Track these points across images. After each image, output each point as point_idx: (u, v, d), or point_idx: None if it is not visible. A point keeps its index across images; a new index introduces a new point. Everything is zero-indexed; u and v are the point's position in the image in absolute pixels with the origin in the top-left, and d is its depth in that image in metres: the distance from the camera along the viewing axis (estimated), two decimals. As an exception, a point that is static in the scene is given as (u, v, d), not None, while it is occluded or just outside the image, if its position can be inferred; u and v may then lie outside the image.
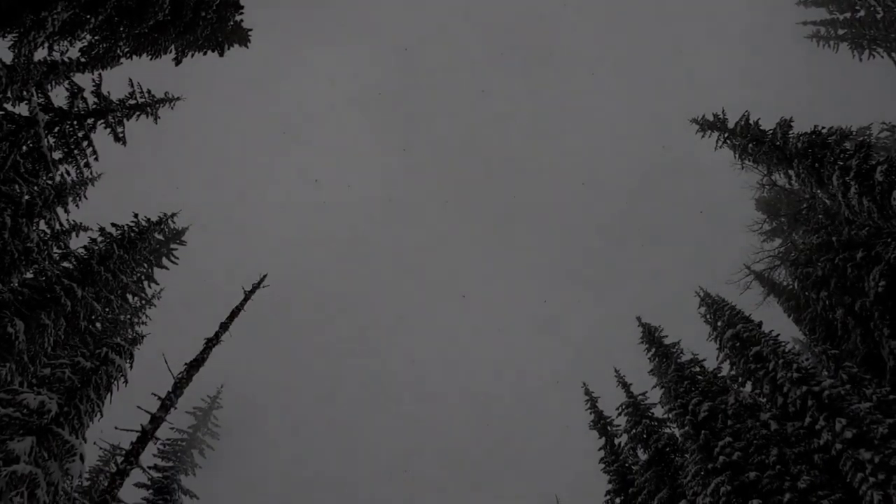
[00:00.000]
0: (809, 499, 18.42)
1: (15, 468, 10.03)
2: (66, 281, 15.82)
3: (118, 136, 17.35)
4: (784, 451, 19.60)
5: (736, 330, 24.21)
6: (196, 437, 26.84)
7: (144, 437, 13.52)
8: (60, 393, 12.79)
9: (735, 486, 19.62)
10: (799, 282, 26.01)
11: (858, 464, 17.66)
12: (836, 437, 18.41)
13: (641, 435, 26.76)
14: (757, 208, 34.46)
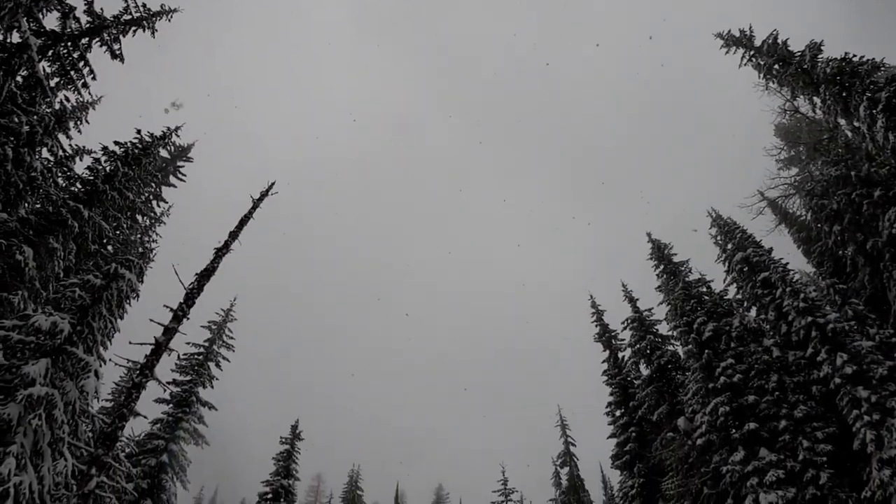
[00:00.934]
0: (804, 428, 18.85)
1: (31, 391, 10.32)
2: (71, 203, 15.75)
3: (115, 54, 16.76)
4: (784, 378, 19.86)
5: (746, 254, 23.98)
6: (212, 350, 27.68)
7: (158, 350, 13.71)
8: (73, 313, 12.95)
9: (734, 408, 20.06)
10: (812, 213, 25.46)
11: (855, 401, 17.92)
12: (836, 371, 18.56)
13: (645, 350, 27.20)
14: (776, 134, 33.32)
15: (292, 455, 32.58)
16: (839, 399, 18.48)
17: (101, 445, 12.31)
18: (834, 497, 17.62)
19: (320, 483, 69.34)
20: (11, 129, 14.30)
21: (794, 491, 17.86)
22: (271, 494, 31.20)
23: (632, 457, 26.92)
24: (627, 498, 26.48)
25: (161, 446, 23.57)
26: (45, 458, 10.62)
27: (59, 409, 10.95)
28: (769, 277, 22.60)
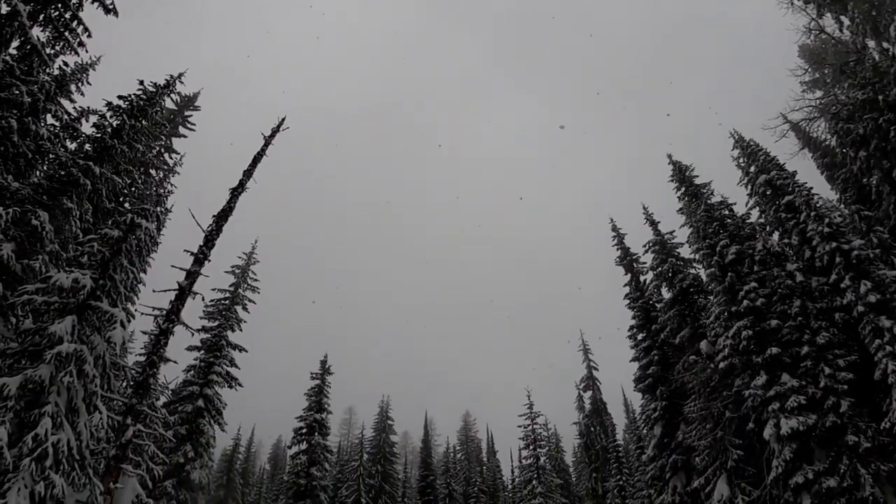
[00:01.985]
0: (826, 355, 18.74)
1: (59, 349, 10.55)
2: (81, 162, 15.66)
3: (108, 8, 16.18)
4: (806, 304, 19.59)
5: (769, 176, 23.26)
6: (237, 293, 28.15)
7: (182, 294, 13.90)
8: (93, 268, 13.01)
9: (756, 332, 19.95)
10: (838, 137, 24.38)
11: (878, 331, 17.64)
12: (860, 299, 18.24)
13: (667, 273, 27.01)
14: (800, 55, 31.59)
15: (323, 389, 33.70)
16: (862, 328, 18.25)
17: (135, 395, 12.72)
18: (853, 426, 17.68)
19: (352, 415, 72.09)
20: (13, 101, 14.10)
21: (815, 418, 17.98)
22: (306, 429, 32.54)
23: (654, 380, 27.24)
24: (650, 420, 27.00)
25: (196, 392, 24.40)
26: (80, 414, 10.99)
27: (89, 364, 11.19)
28: (793, 201, 21.98)
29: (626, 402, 54.24)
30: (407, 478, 63.69)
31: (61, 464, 9.96)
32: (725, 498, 19.98)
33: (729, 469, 20.47)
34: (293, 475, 31.74)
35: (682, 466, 24.53)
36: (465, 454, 67.57)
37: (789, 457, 17.86)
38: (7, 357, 10.61)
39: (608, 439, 47.00)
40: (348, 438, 69.75)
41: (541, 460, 31.61)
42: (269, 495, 61.43)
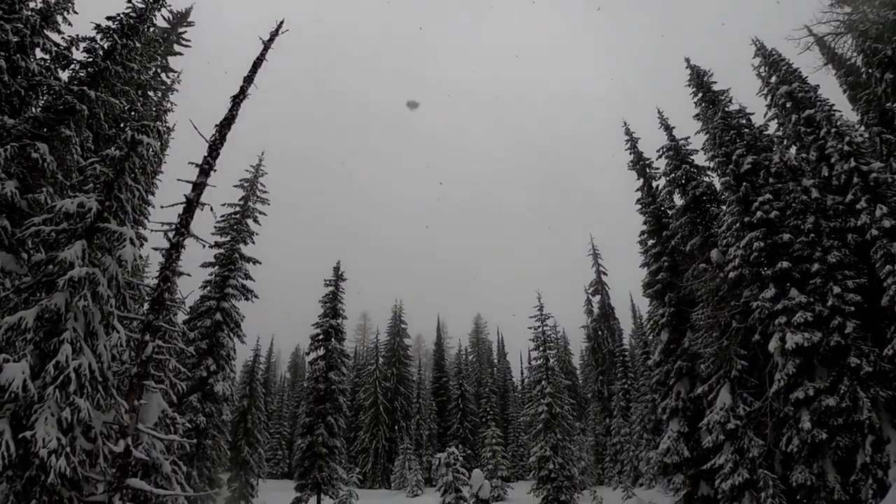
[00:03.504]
0: (836, 275, 18.61)
1: (71, 274, 10.63)
2: (75, 88, 15.19)
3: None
4: (820, 221, 19.23)
5: (790, 88, 22.25)
6: (248, 206, 28.18)
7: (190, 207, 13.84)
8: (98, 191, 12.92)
9: (768, 245, 19.75)
10: (864, 57, 23.03)
11: (889, 257, 17.38)
12: (874, 222, 17.84)
13: (680, 180, 26.58)
14: None
15: (337, 296, 34.35)
16: (873, 252, 18.01)
17: (151, 311, 12.96)
18: (857, 349, 17.85)
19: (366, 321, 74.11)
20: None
21: (820, 336, 18.12)
22: (322, 335, 33.46)
23: (663, 286, 27.45)
24: (657, 326, 27.47)
25: (213, 306, 24.94)
26: (99, 337, 11.26)
27: (102, 286, 11.30)
28: (814, 116, 21.11)
29: (633, 308, 55.26)
30: (421, 379, 66.40)
31: (85, 388, 10.30)
32: (727, 406, 20.60)
33: (732, 378, 20.98)
34: (312, 380, 32.88)
35: (686, 373, 25.20)
36: (476, 356, 69.93)
37: (792, 371, 18.23)
38: (22, 292, 10.76)
39: (615, 344, 48.36)
40: (363, 344, 72.14)
41: (550, 362, 32.46)
42: (291, 402, 64.52)
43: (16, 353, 9.72)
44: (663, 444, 24.90)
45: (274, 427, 59.09)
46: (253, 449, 31.89)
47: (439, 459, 26.32)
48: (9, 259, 13.23)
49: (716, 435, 20.69)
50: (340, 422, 31.88)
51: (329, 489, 28.69)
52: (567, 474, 28.97)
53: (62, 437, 9.53)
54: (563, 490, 28.50)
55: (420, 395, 62.48)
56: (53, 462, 9.13)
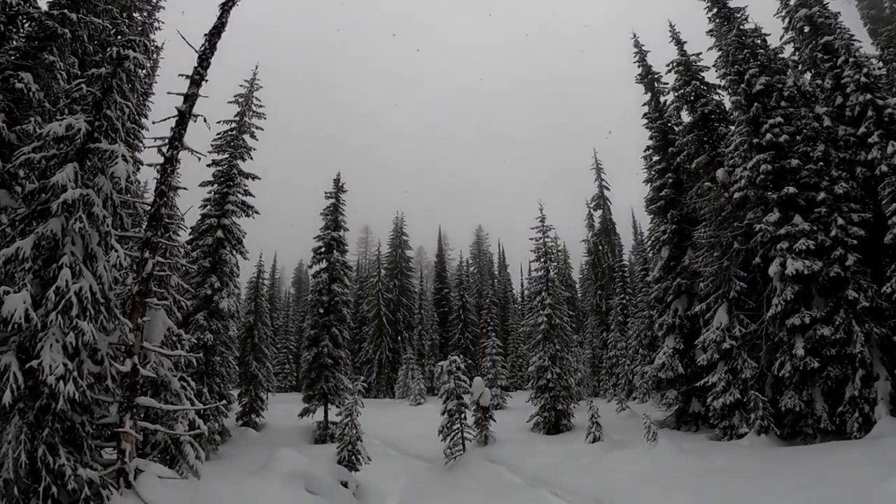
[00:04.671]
0: (841, 206, 18.37)
1: (65, 197, 10.43)
2: (56, 12, 14.36)
3: None
4: (830, 151, 18.73)
5: (810, 12, 21.08)
6: (243, 122, 27.55)
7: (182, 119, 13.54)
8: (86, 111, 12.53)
9: (775, 168, 19.39)
10: None
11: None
12: (885, 158, 17.41)
13: (689, 96, 25.87)
14: None
15: (338, 208, 34.30)
16: (881, 188, 17.64)
17: (149, 228, 12.90)
18: (855, 282, 17.82)
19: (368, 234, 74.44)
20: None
21: (820, 265, 18.06)
22: (324, 247, 33.67)
23: (666, 202, 27.33)
24: (658, 243, 27.57)
25: (214, 224, 24.86)
26: (98, 259, 11.19)
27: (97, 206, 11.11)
28: (832, 43, 20.00)
29: (634, 224, 55.17)
30: (423, 291, 67.51)
31: (87, 310, 10.35)
32: (724, 326, 20.93)
33: (730, 299, 21.19)
34: (316, 293, 33.38)
35: (685, 291, 25.50)
36: (477, 268, 70.72)
37: (790, 297, 18.33)
38: (18, 223, 10.59)
39: (615, 259, 48.65)
40: (366, 256, 72.85)
41: (550, 273, 32.65)
42: (296, 317, 65.87)
43: (15, 285, 9.71)
44: (658, 359, 25.56)
45: (280, 342, 60.69)
46: (261, 364, 32.77)
47: (441, 367, 26.97)
48: (3, 194, 13.03)
49: (710, 353, 21.16)
50: (345, 333, 32.64)
51: (335, 399, 29.70)
52: (564, 384, 29.83)
53: (69, 363, 9.68)
54: (560, 399, 29.43)
55: (422, 306, 63.70)
56: (62, 388, 9.32)
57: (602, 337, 45.39)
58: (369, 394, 52.45)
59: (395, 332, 59.36)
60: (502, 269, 70.80)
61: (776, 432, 18.86)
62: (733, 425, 20.25)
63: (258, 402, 31.33)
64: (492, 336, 48.91)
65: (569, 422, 29.52)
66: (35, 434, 9.15)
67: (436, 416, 26.67)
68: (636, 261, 47.69)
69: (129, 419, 11.33)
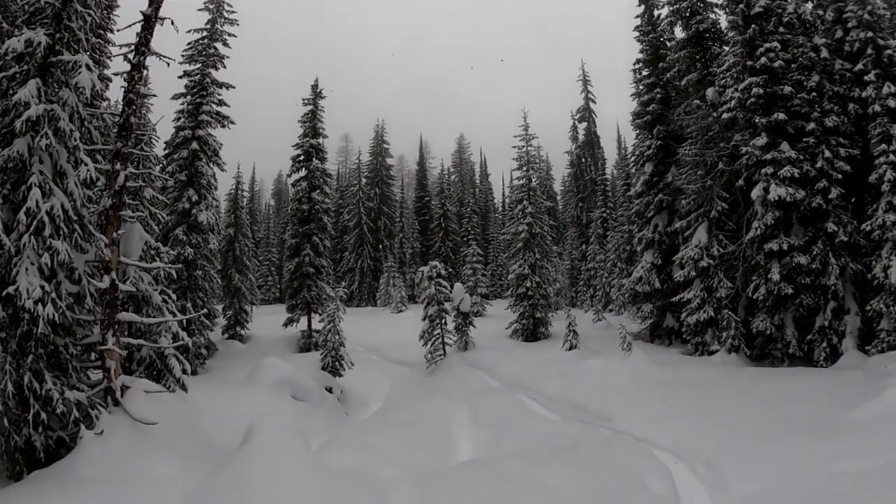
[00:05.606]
0: (829, 139, 18.19)
1: (28, 114, 9.87)
2: None
3: None
4: (824, 83, 18.43)
5: None
6: (215, 29, 25.95)
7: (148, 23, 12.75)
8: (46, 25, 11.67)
9: (767, 94, 19.15)
10: None
11: (887, 137, 16.84)
12: (879, 98, 17.24)
13: (684, 12, 25.09)
14: None
15: (317, 114, 33.39)
16: (872, 127, 17.35)
17: (119, 138, 12.38)
18: (836, 216, 17.91)
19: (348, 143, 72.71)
20: None
21: (804, 194, 18.10)
22: (303, 155, 33.00)
23: (653, 118, 26.94)
24: (642, 158, 27.40)
25: (189, 136, 23.96)
26: (68, 175, 10.76)
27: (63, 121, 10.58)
28: None
29: (619, 139, 54.68)
30: (403, 199, 67.17)
31: (60, 229, 10.04)
32: (703, 244, 21.18)
33: (711, 218, 21.33)
34: (296, 202, 33.02)
35: (666, 207, 25.63)
36: (458, 177, 70.20)
37: (770, 222, 18.45)
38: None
39: (597, 172, 48.44)
40: (346, 165, 71.60)
41: (532, 182, 32.56)
42: (277, 229, 65.26)
43: (-15, 213, 9.31)
44: (636, 273, 26.05)
45: (262, 254, 60.52)
46: (243, 276, 32.79)
47: (422, 273, 27.21)
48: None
49: (688, 270, 21.55)
50: (326, 242, 32.65)
51: (318, 307, 29.94)
52: (543, 293, 30.44)
53: (46, 285, 9.48)
54: (538, 308, 30.11)
55: (403, 214, 63.59)
56: (41, 311, 9.17)
57: (581, 249, 45.94)
58: (351, 302, 53.24)
59: (376, 240, 59.48)
60: (484, 179, 70.34)
61: (746, 352, 19.63)
62: (705, 342, 21.00)
63: (242, 315, 31.65)
64: (472, 244, 49.33)
65: (546, 330, 30.38)
66: (20, 362, 9.09)
67: (417, 324, 27.20)
68: (619, 175, 47.55)
69: (111, 336, 11.27)
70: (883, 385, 12.03)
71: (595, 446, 11.61)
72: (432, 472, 10.00)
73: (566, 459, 10.03)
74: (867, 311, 17.15)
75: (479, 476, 9.38)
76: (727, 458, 9.86)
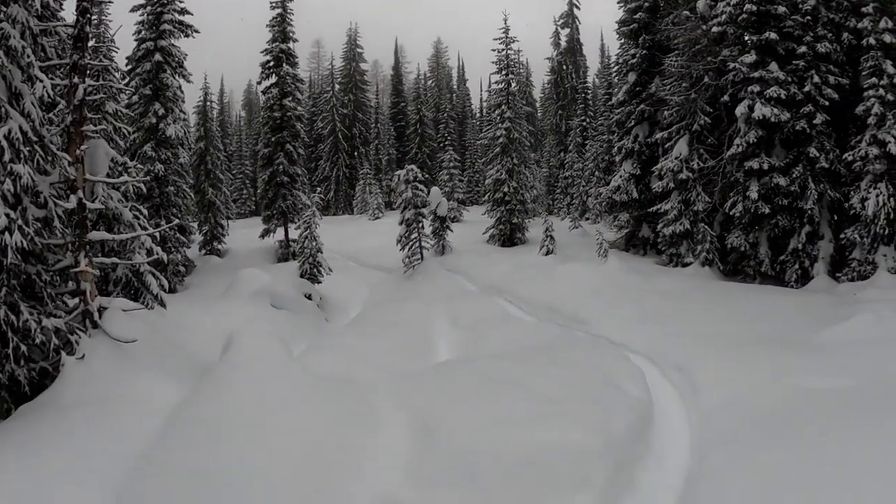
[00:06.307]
0: (819, 65, 17.97)
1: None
2: None
3: None
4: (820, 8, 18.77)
5: None
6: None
7: None
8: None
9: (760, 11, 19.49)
10: None
11: (878, 71, 16.52)
12: (874, 32, 16.75)
13: None
14: None
15: (286, 18, 31.93)
16: (864, 59, 16.88)
17: (75, 50, 11.62)
18: (819, 143, 17.79)
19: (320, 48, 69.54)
20: None
21: (788, 116, 17.87)
22: (273, 61, 31.67)
23: (639, 26, 26.01)
24: (626, 66, 26.69)
25: (151, 47, 22.56)
26: (24, 96, 10.06)
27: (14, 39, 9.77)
28: None
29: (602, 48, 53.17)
30: (379, 106, 65.34)
31: (20, 153, 9.50)
32: (683, 157, 21.06)
33: (693, 132, 21.08)
34: (267, 109, 32.02)
35: (647, 118, 25.25)
36: (435, 82, 68.17)
37: (752, 140, 18.28)
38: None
39: (579, 80, 47.27)
40: (318, 72, 68.87)
41: (512, 86, 31.89)
42: (250, 141, 62.99)
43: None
44: (614, 182, 26.03)
45: (236, 167, 59.03)
46: (217, 190, 32.13)
47: (398, 177, 27.00)
48: None
49: (666, 182, 21.57)
50: (300, 149, 32.04)
51: (294, 216, 29.63)
52: (520, 198, 30.52)
53: (11, 212, 9.06)
54: (515, 213, 30.26)
55: (378, 121, 62.02)
56: (8, 239, 8.81)
57: (559, 157, 45.58)
58: (328, 211, 52.84)
59: (351, 148, 58.31)
60: (461, 84, 68.33)
61: (719, 267, 20.04)
62: (680, 254, 21.36)
63: (218, 230, 31.30)
64: (449, 150, 48.71)
65: (523, 235, 30.70)
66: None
67: (394, 230, 27.30)
68: (600, 84, 46.40)
69: (83, 258, 10.99)
70: (852, 311, 12.32)
71: (571, 348, 11.84)
72: (413, 372, 10.22)
73: (544, 360, 10.21)
74: (841, 239, 17.39)
75: (459, 374, 9.56)
76: (700, 365, 10.09)
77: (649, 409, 8.75)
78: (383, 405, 8.20)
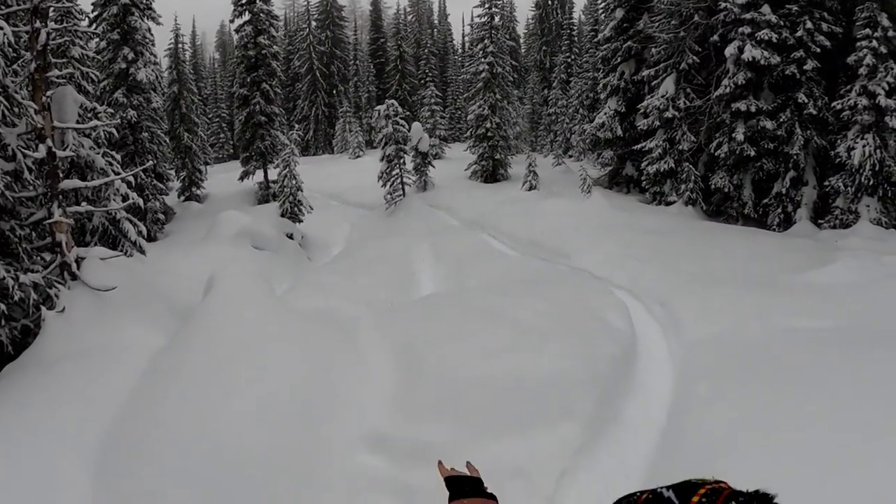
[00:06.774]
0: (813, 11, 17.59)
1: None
2: None
3: None
4: None
5: None
6: None
7: None
8: None
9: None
10: None
11: (872, 23, 16.18)
12: None
13: None
14: None
15: (257, -50, 30.23)
16: (859, 10, 16.41)
17: None
18: (808, 88, 17.51)
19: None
20: None
21: (778, 60, 17.54)
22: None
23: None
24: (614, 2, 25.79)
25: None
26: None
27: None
28: None
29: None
30: (357, 42, 63.26)
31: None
32: (669, 95, 20.73)
33: (680, 70, 20.67)
34: (241, 48, 30.82)
35: (634, 55, 24.66)
36: (415, 16, 66.05)
37: (741, 82, 18.00)
38: None
39: (564, 15, 45.89)
40: (293, 9, 66.20)
41: (495, 20, 30.94)
42: (225, 83, 60.31)
43: None
44: (599, 119, 25.66)
45: (212, 111, 56.89)
46: (193, 134, 31.11)
47: (379, 112, 26.46)
48: None
49: (652, 120, 21.32)
50: (276, 89, 31.06)
51: (273, 157, 28.99)
52: (503, 134, 30.11)
53: (-23, 167, 8.77)
54: (497, 149, 29.91)
55: (357, 57, 60.16)
56: (-23, 195, 8.55)
57: (543, 94, 44.71)
58: (308, 151, 51.84)
59: (329, 86, 56.66)
60: (443, 19, 66.22)
61: (702, 207, 20.08)
62: (663, 192, 21.34)
63: (196, 175, 30.52)
64: (430, 86, 47.48)
65: (506, 171, 30.44)
66: (-34, 256, 8.61)
67: (375, 168, 27.01)
68: (586, 21, 44.95)
69: (57, 208, 10.73)
70: (833, 257, 12.48)
71: (555, 281, 11.90)
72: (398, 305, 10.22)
73: (527, 292, 10.22)
74: (825, 186, 17.37)
75: (444, 306, 9.59)
76: (683, 301, 10.17)
77: (633, 342, 8.82)
78: (368, 339, 8.21)
